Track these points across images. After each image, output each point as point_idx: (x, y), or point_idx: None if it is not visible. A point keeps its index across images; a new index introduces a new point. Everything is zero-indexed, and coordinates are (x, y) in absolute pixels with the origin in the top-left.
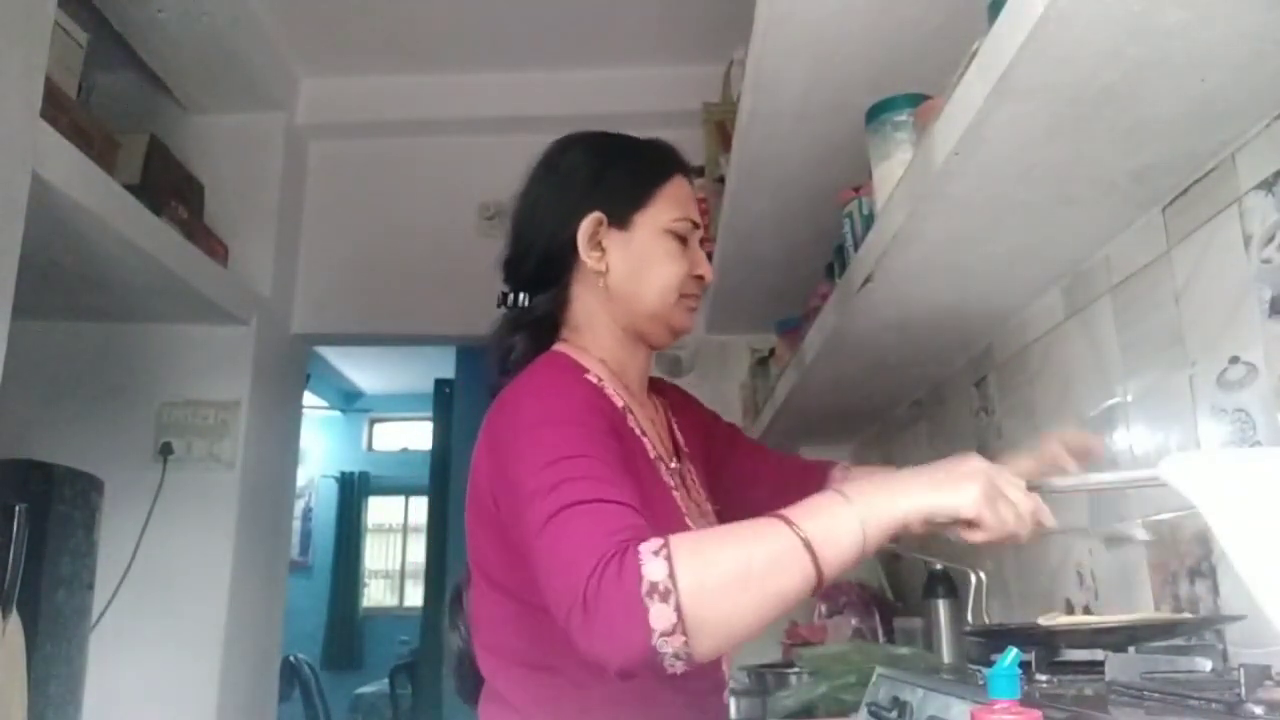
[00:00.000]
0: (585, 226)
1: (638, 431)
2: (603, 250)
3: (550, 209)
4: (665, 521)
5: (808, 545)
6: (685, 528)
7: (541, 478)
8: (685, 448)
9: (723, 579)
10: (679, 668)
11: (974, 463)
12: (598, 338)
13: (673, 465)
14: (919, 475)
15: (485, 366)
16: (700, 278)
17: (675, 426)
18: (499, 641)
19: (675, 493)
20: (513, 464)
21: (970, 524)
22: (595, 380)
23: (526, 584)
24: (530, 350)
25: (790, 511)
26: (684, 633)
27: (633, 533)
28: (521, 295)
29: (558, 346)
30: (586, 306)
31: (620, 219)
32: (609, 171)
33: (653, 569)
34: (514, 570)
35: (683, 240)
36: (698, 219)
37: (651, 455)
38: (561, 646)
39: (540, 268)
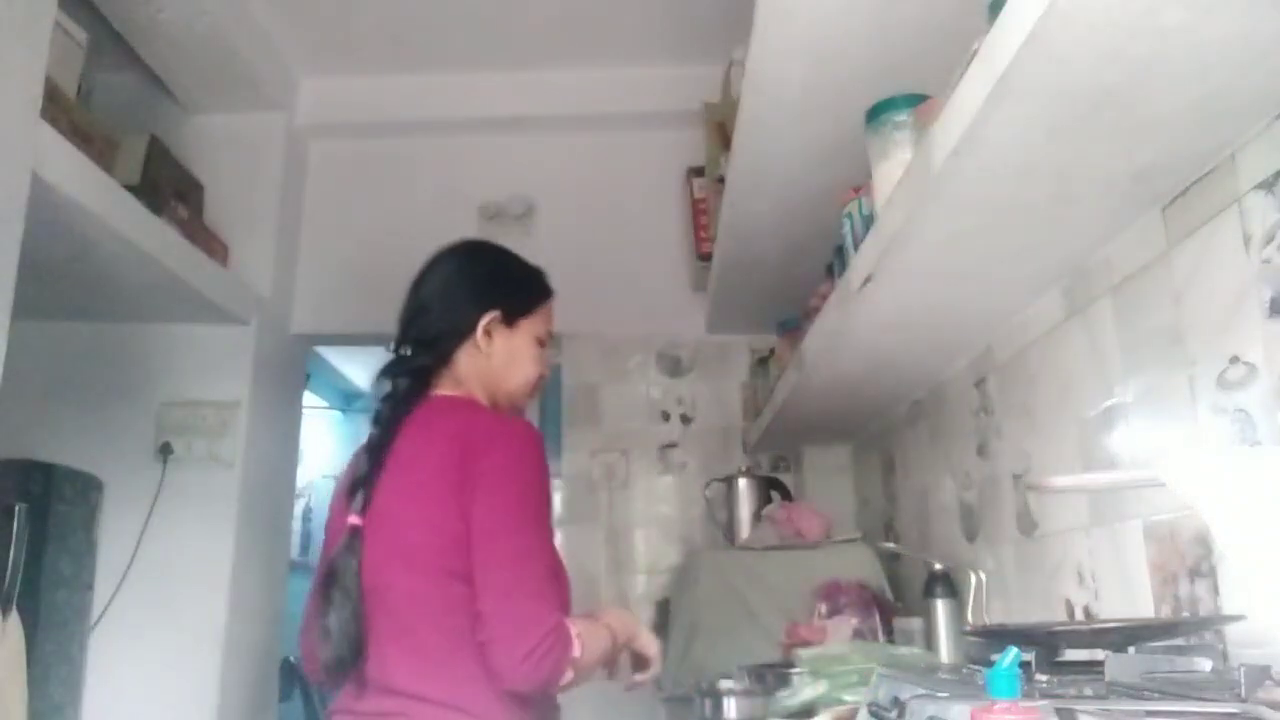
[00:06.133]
0: (487, 318)
1: None
2: (490, 338)
3: (461, 296)
4: None
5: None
6: None
7: (538, 527)
8: None
9: (590, 662)
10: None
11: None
12: (473, 392)
13: None
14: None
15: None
16: (543, 376)
17: None
18: (456, 625)
19: None
20: (516, 491)
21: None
22: None
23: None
24: (414, 389)
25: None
26: (568, 684)
27: (563, 614)
28: (404, 347)
29: (452, 391)
30: (468, 370)
31: (510, 319)
32: (510, 280)
33: (575, 649)
34: (467, 555)
35: (542, 346)
36: (551, 333)
37: None
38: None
39: (438, 333)
